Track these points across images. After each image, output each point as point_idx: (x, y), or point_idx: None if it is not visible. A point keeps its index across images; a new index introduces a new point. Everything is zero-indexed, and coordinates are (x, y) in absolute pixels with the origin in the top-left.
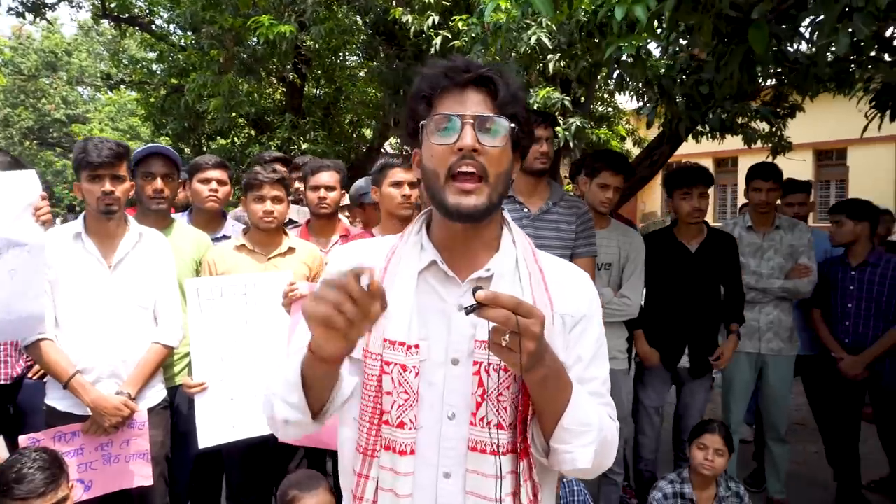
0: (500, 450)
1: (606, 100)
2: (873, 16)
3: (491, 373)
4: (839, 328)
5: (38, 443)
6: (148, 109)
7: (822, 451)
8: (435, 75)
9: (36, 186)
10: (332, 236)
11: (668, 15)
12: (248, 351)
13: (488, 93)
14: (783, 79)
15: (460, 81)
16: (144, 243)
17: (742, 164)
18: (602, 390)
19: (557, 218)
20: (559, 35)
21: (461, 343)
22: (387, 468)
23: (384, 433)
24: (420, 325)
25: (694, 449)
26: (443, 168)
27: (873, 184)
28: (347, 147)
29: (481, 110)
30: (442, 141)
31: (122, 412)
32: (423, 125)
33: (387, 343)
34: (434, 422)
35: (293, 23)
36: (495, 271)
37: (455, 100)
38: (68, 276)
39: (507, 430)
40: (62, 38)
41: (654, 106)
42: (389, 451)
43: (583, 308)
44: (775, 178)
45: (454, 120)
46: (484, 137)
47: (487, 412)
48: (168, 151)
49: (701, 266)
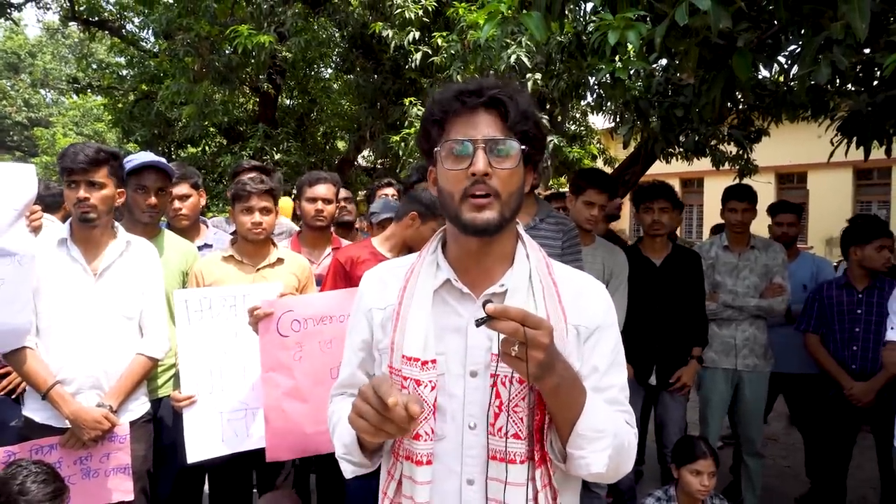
0: (517, 458)
1: (578, 119)
2: (852, 48)
3: (507, 384)
4: (845, 353)
5: (13, 456)
6: (116, 115)
7: (795, 465)
8: (447, 99)
9: (33, 184)
10: (325, 249)
11: (658, 42)
12: (237, 364)
13: (499, 114)
14: (756, 104)
15: (471, 104)
16: (132, 252)
17: (708, 184)
18: (620, 397)
19: (544, 234)
20: (538, 54)
21: (478, 356)
22: (406, 476)
23: (404, 443)
24: (437, 341)
25: (686, 475)
26: (457, 191)
27: (832, 207)
28: (320, 158)
29: (492, 133)
30: (455, 166)
31: (102, 425)
32: (437, 150)
33: (404, 359)
34: (456, 432)
35: (272, 33)
36: (509, 286)
37: (466, 123)
38: (52, 282)
39: (524, 440)
40: (26, 39)
41: (631, 126)
42: (408, 461)
43: (597, 319)
44: (750, 200)
45: (466, 145)
46: (495, 160)
47: (505, 422)
48: (163, 165)
49: (665, 280)
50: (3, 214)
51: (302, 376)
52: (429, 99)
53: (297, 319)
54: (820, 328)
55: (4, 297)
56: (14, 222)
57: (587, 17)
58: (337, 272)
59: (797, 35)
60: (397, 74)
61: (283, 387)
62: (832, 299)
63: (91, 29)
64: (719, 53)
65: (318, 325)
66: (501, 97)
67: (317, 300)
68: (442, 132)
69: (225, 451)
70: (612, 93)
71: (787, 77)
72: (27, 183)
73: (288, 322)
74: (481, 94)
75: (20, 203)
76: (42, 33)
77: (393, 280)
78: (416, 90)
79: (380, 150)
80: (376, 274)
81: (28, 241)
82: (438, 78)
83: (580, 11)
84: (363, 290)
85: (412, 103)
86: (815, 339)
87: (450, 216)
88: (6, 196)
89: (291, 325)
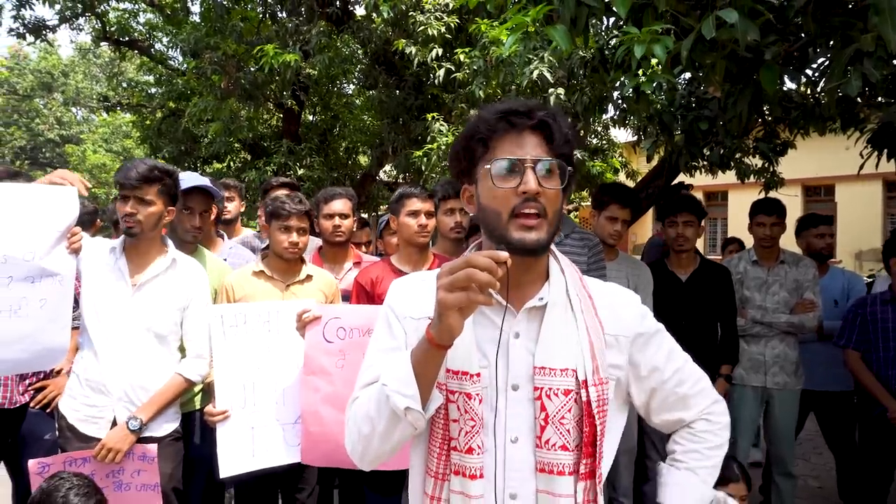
0: (565, 470)
1: (600, 133)
2: (883, 59)
3: (552, 397)
4: (889, 373)
5: (47, 468)
6: (144, 132)
7: (826, 486)
8: (493, 119)
9: (75, 207)
10: (346, 263)
11: (685, 55)
12: (270, 379)
13: (544, 136)
14: (783, 116)
15: (520, 125)
16: (177, 270)
17: (732, 198)
18: (695, 388)
19: (569, 250)
20: (560, 69)
21: (520, 369)
22: (457, 492)
23: (453, 458)
24: (480, 355)
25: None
26: (506, 209)
27: (861, 220)
28: (343, 174)
29: (540, 154)
30: (505, 185)
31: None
32: (487, 168)
33: (450, 373)
34: (497, 446)
35: (297, 51)
36: (548, 300)
37: (514, 143)
38: (95, 288)
39: (573, 452)
40: (59, 59)
41: (654, 140)
42: (459, 476)
43: (634, 326)
44: (779, 213)
45: (516, 164)
46: (544, 180)
47: (552, 434)
48: (209, 187)
49: (692, 295)
50: (47, 236)
51: (342, 384)
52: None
53: (342, 327)
54: (861, 345)
55: (47, 317)
56: (56, 244)
57: (609, 31)
58: (360, 294)
59: (826, 47)
60: (419, 90)
61: (322, 392)
62: (876, 315)
63: (121, 49)
64: (746, 66)
65: (363, 336)
66: (548, 120)
67: (364, 311)
68: (486, 151)
69: (257, 466)
70: (636, 107)
71: (814, 89)
72: (69, 205)
73: (334, 329)
74: (532, 116)
75: (63, 225)
76: (75, 53)
77: (425, 292)
78: (438, 106)
79: (402, 166)
80: (406, 284)
81: (69, 261)
82: (461, 94)
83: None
84: (395, 297)
85: (434, 119)
86: (857, 356)
87: (495, 235)
88: (50, 218)
89: (337, 332)
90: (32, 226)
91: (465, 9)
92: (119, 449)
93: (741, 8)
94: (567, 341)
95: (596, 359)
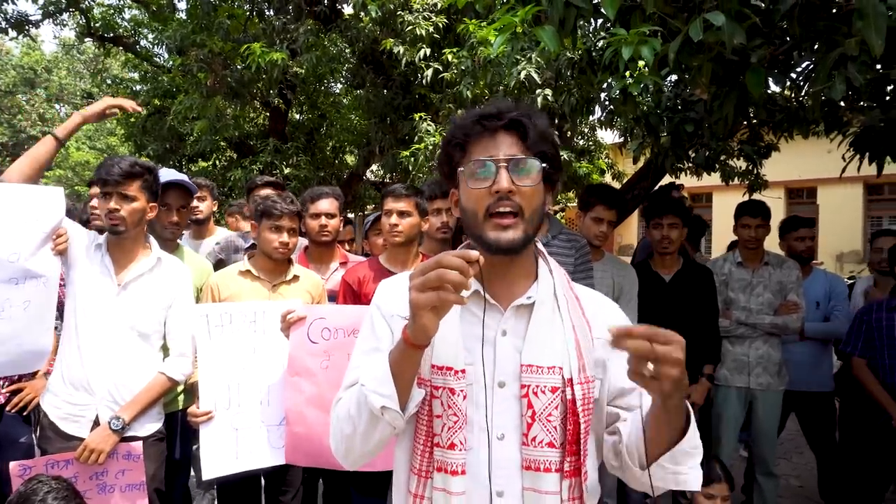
0: (552, 468)
1: (587, 134)
2: (867, 64)
3: (539, 395)
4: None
5: (28, 470)
6: (129, 130)
7: (807, 486)
8: (467, 123)
9: (61, 207)
10: (332, 263)
11: (672, 57)
12: (254, 380)
13: (518, 135)
14: (768, 119)
15: (492, 127)
16: (162, 269)
17: (716, 199)
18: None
19: (556, 251)
20: (547, 70)
21: (507, 367)
22: (440, 489)
23: (436, 455)
24: (466, 352)
25: (700, 498)
26: (481, 209)
27: (842, 222)
28: (330, 173)
29: (514, 152)
30: (479, 185)
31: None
32: (461, 171)
33: (434, 369)
34: (483, 443)
35: (285, 50)
36: (536, 298)
37: (488, 144)
38: (81, 286)
39: (558, 449)
40: (42, 55)
41: (641, 142)
42: (442, 472)
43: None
44: (763, 215)
45: (489, 164)
46: (518, 178)
47: (539, 432)
48: (186, 183)
49: (675, 296)
50: (32, 237)
51: (326, 385)
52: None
53: (327, 328)
54: (867, 352)
55: (31, 318)
56: (42, 245)
57: (597, 33)
58: (346, 294)
59: (811, 51)
60: (407, 90)
61: (306, 393)
62: (881, 322)
63: (106, 45)
64: (732, 69)
65: (347, 336)
66: (521, 119)
67: (349, 311)
68: (464, 155)
69: (240, 468)
70: (623, 108)
71: (799, 93)
72: (55, 206)
73: (319, 329)
74: (501, 118)
75: (48, 226)
76: (58, 49)
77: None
78: (426, 105)
79: (389, 165)
80: (393, 283)
81: (53, 263)
82: (448, 93)
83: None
84: (382, 297)
85: (422, 118)
86: (862, 363)
87: (473, 235)
88: (35, 218)
89: (322, 332)
90: (17, 226)
91: (454, 9)
92: (101, 450)
93: (728, 11)
94: (554, 339)
95: (582, 357)
